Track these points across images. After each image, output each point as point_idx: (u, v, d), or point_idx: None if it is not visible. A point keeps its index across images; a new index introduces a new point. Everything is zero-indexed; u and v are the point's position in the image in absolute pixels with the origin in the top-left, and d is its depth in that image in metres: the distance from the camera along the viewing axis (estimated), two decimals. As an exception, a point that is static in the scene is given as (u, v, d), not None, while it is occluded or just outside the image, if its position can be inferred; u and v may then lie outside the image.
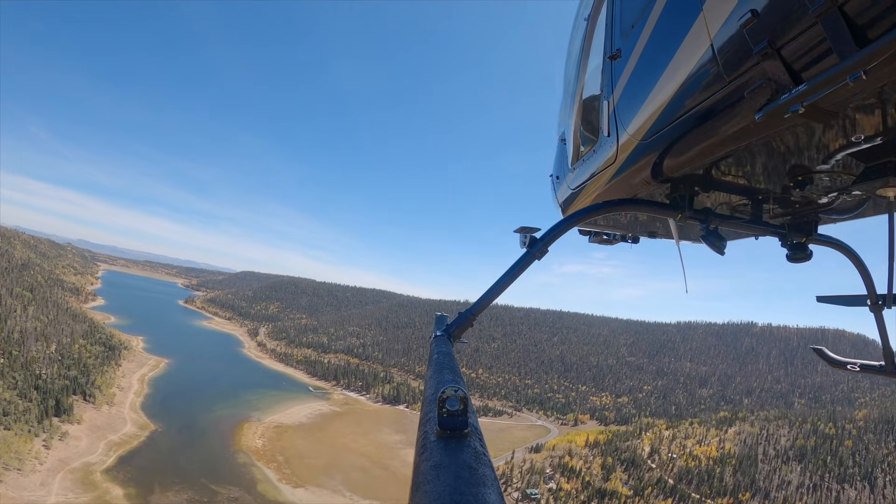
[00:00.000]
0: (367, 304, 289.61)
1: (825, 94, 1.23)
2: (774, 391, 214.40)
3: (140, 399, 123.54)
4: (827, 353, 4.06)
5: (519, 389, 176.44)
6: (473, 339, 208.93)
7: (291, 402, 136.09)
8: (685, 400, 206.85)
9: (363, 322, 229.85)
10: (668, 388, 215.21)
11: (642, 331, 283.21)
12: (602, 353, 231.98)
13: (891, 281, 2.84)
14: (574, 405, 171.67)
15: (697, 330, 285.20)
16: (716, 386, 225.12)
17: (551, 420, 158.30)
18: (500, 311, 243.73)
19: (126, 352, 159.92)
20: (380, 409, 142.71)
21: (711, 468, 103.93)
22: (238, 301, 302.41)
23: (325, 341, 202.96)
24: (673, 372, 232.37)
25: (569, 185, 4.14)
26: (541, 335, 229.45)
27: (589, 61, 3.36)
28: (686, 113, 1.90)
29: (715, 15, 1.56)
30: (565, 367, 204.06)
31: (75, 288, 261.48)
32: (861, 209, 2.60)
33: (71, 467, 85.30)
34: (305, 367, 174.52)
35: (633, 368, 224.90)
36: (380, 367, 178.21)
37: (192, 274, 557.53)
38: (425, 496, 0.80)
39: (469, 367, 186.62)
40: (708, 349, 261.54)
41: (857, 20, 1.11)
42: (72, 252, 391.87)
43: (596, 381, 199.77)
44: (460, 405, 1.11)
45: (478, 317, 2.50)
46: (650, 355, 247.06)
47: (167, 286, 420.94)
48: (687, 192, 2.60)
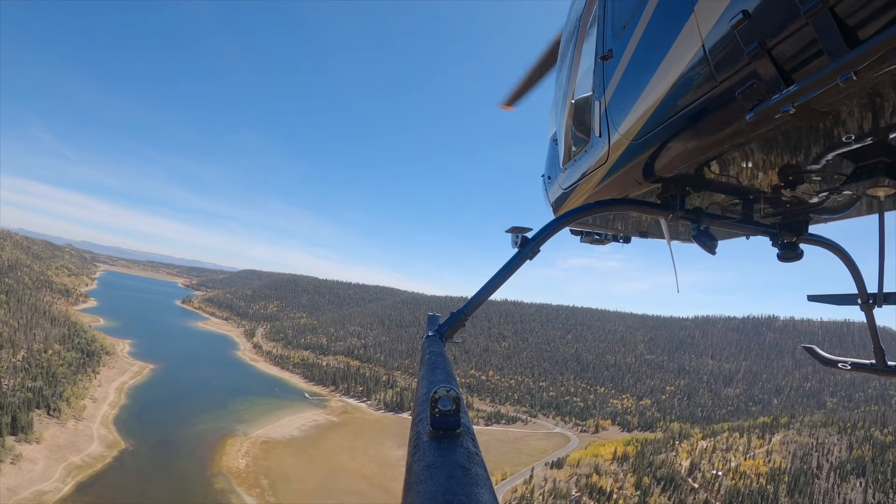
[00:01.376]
0: (370, 302, 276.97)
1: (816, 94, 1.23)
2: (804, 390, 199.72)
3: (114, 412, 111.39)
4: (818, 351, 4.08)
5: (533, 392, 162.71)
6: (483, 338, 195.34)
7: (284, 411, 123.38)
8: (710, 401, 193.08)
9: (365, 321, 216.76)
10: (692, 387, 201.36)
11: (659, 326, 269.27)
12: (619, 350, 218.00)
13: (881, 280, 2.93)
14: (593, 409, 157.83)
15: (716, 324, 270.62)
16: (741, 385, 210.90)
17: (570, 427, 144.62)
18: (510, 308, 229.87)
19: (107, 357, 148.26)
20: (381, 417, 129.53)
21: (763, 487, 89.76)
22: (236, 300, 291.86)
23: (324, 342, 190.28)
24: (695, 370, 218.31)
25: (560, 185, 4.14)
26: (554, 332, 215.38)
27: (580, 61, 3.42)
28: (677, 113, 1.92)
29: (706, 16, 1.57)
30: (581, 367, 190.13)
31: (66, 289, 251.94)
32: (851, 209, 2.62)
33: (18, 498, 73.03)
34: (302, 371, 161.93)
35: (653, 367, 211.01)
36: (382, 371, 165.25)
37: (194, 273, 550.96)
38: (418, 496, 0.80)
39: (478, 369, 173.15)
40: (729, 345, 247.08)
41: (847, 21, 1.12)
42: (69, 253, 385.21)
43: (615, 382, 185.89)
44: (452, 405, 1.11)
45: (472, 315, 2.53)
46: (669, 352, 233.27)
47: (167, 286, 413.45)
48: (678, 192, 2.61)
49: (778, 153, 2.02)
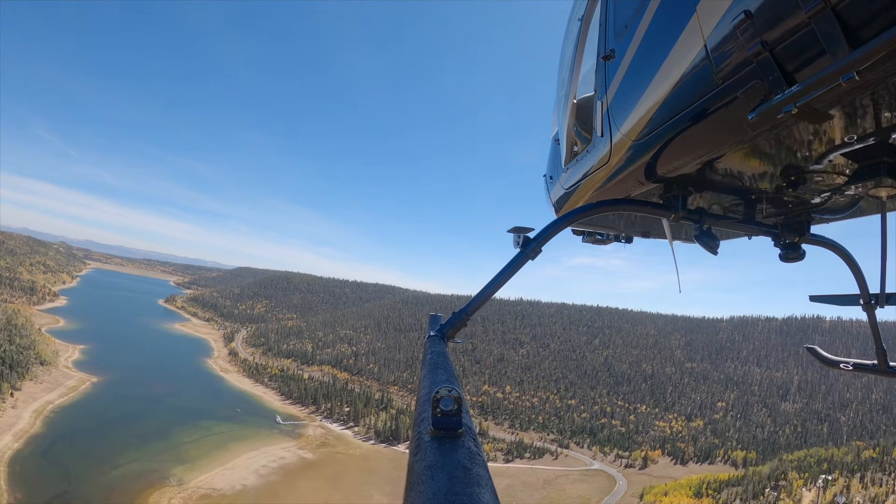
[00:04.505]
0: (367, 302, 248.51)
1: (818, 94, 1.22)
2: (873, 403, 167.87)
3: (16, 446, 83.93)
4: (820, 352, 4.04)
5: (561, 413, 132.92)
6: (496, 345, 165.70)
7: (244, 444, 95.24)
8: (768, 419, 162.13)
9: (359, 323, 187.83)
10: (745, 403, 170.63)
11: (693, 328, 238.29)
12: (655, 357, 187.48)
13: (883, 280, 2.94)
14: (637, 435, 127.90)
15: (755, 326, 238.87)
16: (799, 398, 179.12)
17: (611, 459, 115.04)
18: (527, 309, 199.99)
19: (40, 368, 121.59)
20: (370, 452, 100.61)
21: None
22: (222, 300, 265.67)
23: (309, 349, 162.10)
24: (743, 380, 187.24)
25: (562, 185, 4.16)
26: (578, 337, 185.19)
27: (583, 62, 3.47)
28: (679, 113, 1.90)
29: (708, 15, 1.55)
30: (615, 379, 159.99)
31: (31, 287, 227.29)
32: (854, 209, 2.60)
33: None
34: (279, 386, 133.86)
35: (697, 377, 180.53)
36: (375, 386, 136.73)
37: (189, 272, 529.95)
38: (420, 496, 0.80)
39: (492, 383, 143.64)
40: (774, 350, 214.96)
41: (850, 21, 1.11)
42: (57, 250, 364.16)
43: (655, 397, 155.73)
44: (454, 405, 1.10)
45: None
46: (711, 359, 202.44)
47: (157, 284, 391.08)
48: (680, 193, 2.59)
49: (780, 153, 1.99)
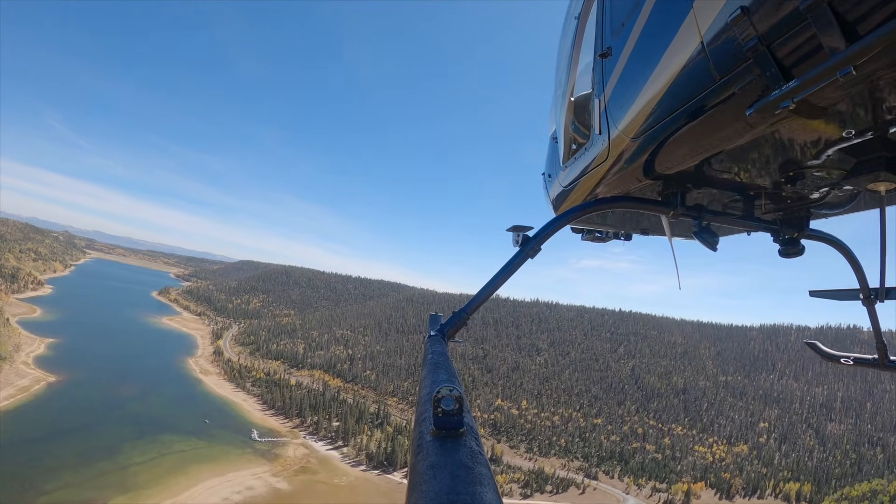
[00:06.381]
0: (370, 299, 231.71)
1: (816, 89, 1.22)
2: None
3: (-75, 465, 68.43)
4: (820, 346, 4.07)
5: (586, 434, 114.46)
6: (510, 351, 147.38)
7: (207, 466, 78.70)
8: (817, 443, 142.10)
9: (358, 323, 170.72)
10: (788, 423, 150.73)
11: (722, 336, 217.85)
12: (686, 369, 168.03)
13: (883, 275, 2.95)
14: (675, 462, 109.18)
15: (788, 336, 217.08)
16: (845, 418, 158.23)
17: (646, 493, 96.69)
18: (543, 311, 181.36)
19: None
20: (359, 481, 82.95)
21: None
22: (217, 293, 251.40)
23: (300, 351, 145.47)
24: (783, 397, 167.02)
25: (561, 183, 4.15)
26: (601, 345, 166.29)
27: (580, 59, 3.46)
28: (677, 110, 1.89)
29: (705, 12, 1.54)
30: (644, 394, 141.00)
31: (13, 275, 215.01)
32: (852, 204, 2.61)
33: None
34: (262, 393, 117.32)
35: (734, 393, 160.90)
36: (371, 397, 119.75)
37: (192, 264, 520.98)
38: (422, 496, 0.79)
39: (506, 397, 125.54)
40: (812, 363, 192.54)
41: (846, 16, 1.11)
42: (55, 238, 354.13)
43: (691, 416, 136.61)
44: (455, 405, 1.10)
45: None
46: (745, 371, 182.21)
47: (155, 276, 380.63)
48: (679, 189, 2.61)
49: (778, 149, 1.99)
